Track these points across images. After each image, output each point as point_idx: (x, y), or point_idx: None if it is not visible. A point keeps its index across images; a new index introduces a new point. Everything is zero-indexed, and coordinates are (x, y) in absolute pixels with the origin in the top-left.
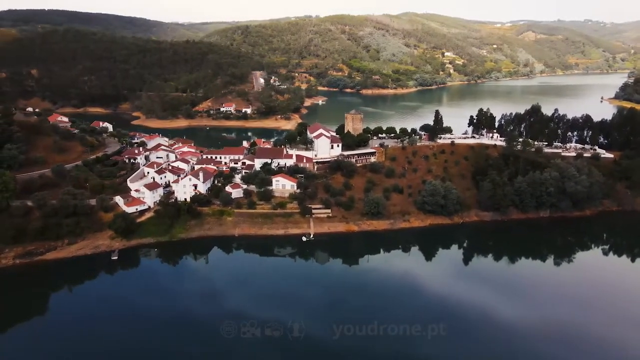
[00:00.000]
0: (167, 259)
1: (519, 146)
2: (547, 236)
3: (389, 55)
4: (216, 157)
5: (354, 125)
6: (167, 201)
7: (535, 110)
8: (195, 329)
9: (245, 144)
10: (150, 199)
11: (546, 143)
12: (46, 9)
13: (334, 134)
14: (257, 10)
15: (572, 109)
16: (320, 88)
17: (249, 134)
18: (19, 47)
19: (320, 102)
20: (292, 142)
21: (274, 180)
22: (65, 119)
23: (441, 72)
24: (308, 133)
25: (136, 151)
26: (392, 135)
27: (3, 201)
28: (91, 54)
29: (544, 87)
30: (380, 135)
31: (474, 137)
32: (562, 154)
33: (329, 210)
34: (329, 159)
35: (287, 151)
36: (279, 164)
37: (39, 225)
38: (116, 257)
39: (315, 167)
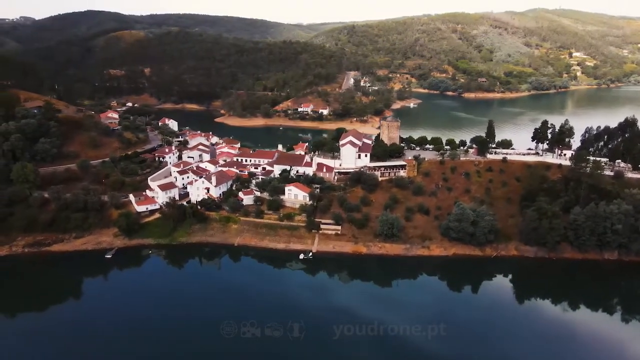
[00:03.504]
0: (163, 261)
1: (588, 168)
2: (614, 284)
3: (504, 55)
4: (246, 160)
5: (389, 133)
6: (173, 203)
7: (630, 124)
8: (195, 329)
9: (280, 147)
10: (163, 199)
11: (631, 166)
12: (180, 13)
13: (368, 142)
14: (375, 10)
15: None
16: (420, 90)
17: (324, 135)
18: (139, 48)
19: (411, 105)
20: (320, 148)
21: (286, 189)
22: (115, 116)
23: (565, 75)
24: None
25: (167, 150)
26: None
27: (23, 192)
28: (195, 54)
29: None
30: (426, 146)
31: (537, 154)
32: None
33: (338, 227)
34: (353, 170)
35: (311, 158)
36: (297, 172)
37: (50, 217)
38: (110, 256)
39: (336, 177)
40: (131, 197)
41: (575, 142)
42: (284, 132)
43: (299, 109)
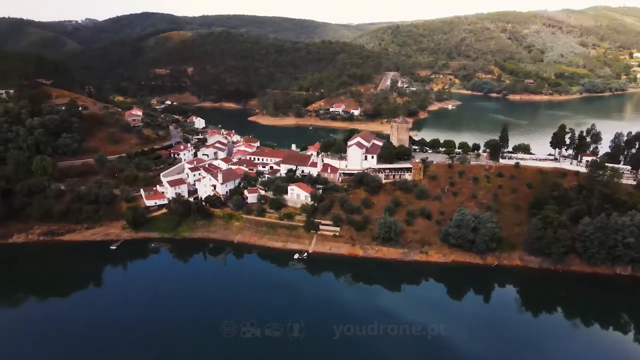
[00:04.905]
0: (164, 256)
1: (605, 176)
2: (628, 301)
3: (556, 56)
4: (257, 159)
5: (398, 135)
6: (179, 198)
7: None
8: (195, 329)
9: (293, 147)
10: (172, 194)
11: None
12: (230, 14)
13: (379, 143)
14: (427, 9)
15: None
16: (463, 91)
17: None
18: (183, 48)
19: (450, 107)
20: (329, 149)
21: (289, 188)
22: (139, 113)
23: (623, 77)
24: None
25: (182, 147)
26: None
27: (42, 183)
28: (236, 53)
29: None
30: (439, 149)
31: (556, 159)
32: None
33: (337, 229)
34: (357, 171)
35: (321, 159)
36: (303, 172)
37: (64, 208)
38: (114, 248)
39: (340, 178)
40: (142, 191)
41: (604, 148)
42: (314, 132)
43: (331, 109)
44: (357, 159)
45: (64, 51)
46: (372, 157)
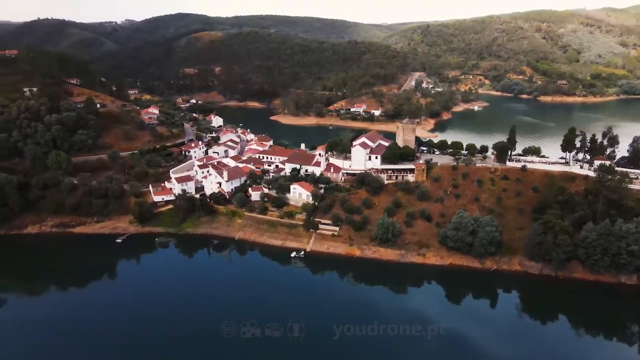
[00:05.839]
0: (167, 251)
1: (613, 181)
2: (634, 311)
3: (593, 56)
4: (265, 158)
5: (404, 136)
6: (184, 194)
7: None
8: (195, 329)
9: (303, 146)
10: (179, 190)
11: None
12: (263, 14)
13: (385, 144)
14: (462, 8)
15: None
16: (492, 92)
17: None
18: (211, 48)
19: (476, 108)
20: (334, 149)
21: (291, 187)
22: (155, 111)
23: None
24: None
25: (193, 144)
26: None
27: (56, 177)
28: (262, 53)
29: None
30: (447, 150)
31: (567, 163)
32: None
33: (336, 228)
34: (360, 171)
35: (326, 159)
36: (306, 171)
37: (75, 202)
38: (120, 241)
39: (343, 178)
40: (150, 187)
41: (622, 152)
42: (334, 132)
43: (352, 109)
44: (361, 159)
45: (102, 51)
46: (376, 157)
